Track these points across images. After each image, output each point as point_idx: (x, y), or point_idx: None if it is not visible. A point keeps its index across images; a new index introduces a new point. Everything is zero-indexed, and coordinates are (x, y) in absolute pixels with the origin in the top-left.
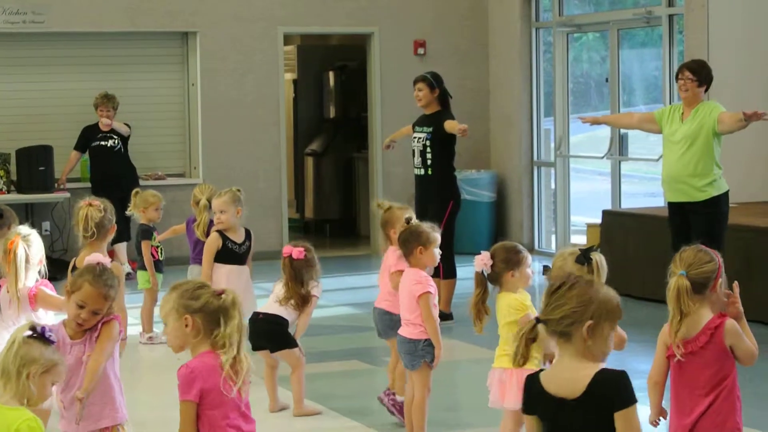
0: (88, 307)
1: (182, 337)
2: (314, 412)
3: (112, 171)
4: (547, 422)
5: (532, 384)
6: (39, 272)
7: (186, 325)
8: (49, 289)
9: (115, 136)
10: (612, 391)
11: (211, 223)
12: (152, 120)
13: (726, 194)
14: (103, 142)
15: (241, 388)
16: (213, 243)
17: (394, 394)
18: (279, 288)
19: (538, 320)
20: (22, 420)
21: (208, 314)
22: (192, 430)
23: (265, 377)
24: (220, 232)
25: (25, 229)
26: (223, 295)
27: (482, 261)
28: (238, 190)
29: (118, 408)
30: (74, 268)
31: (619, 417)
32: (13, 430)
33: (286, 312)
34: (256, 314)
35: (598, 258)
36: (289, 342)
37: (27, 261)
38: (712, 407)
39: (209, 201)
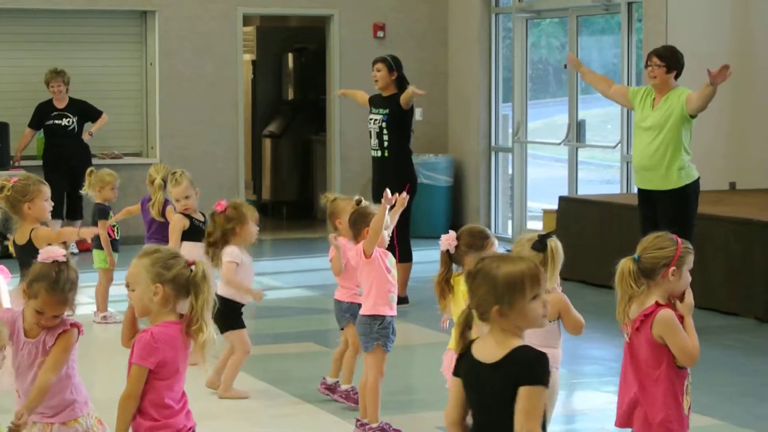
0: (47, 313)
1: (148, 304)
2: (240, 397)
3: (66, 150)
4: (468, 383)
5: (465, 351)
6: None
7: (155, 294)
8: (3, 275)
9: (70, 116)
10: (523, 366)
11: (166, 202)
12: (109, 99)
13: (695, 182)
14: (57, 121)
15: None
16: (179, 224)
17: (324, 378)
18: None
19: (470, 308)
20: None
21: (178, 285)
22: (138, 395)
23: (222, 356)
24: (183, 213)
25: None
26: (193, 267)
27: (447, 241)
28: (183, 172)
29: (72, 408)
30: (14, 244)
31: (521, 392)
32: None
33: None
34: None
35: (554, 244)
36: (238, 323)
37: None
38: (644, 395)
39: (164, 180)
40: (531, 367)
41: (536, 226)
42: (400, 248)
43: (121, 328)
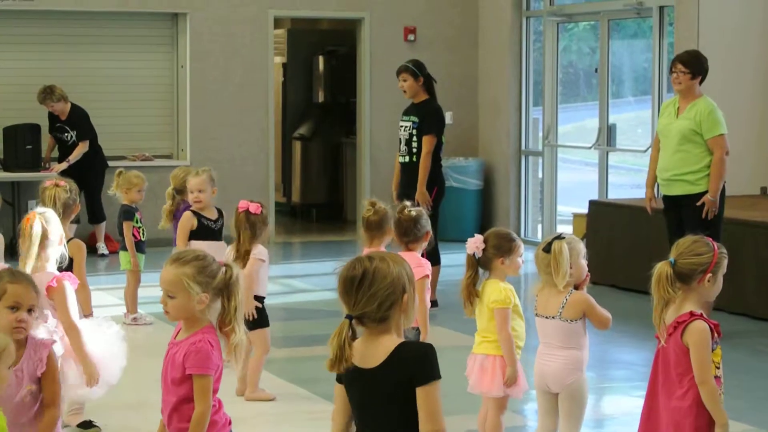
0: (23, 306)
1: (190, 312)
2: (267, 398)
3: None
4: (349, 390)
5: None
6: (61, 254)
7: (201, 302)
8: (71, 282)
9: (69, 130)
10: (413, 363)
11: (186, 206)
12: (140, 101)
13: (722, 187)
14: (59, 134)
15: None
16: (187, 222)
17: None
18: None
19: (350, 317)
20: None
21: (217, 291)
22: (211, 404)
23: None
24: (193, 211)
25: (41, 207)
26: (227, 270)
27: (474, 244)
28: (208, 169)
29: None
30: None
31: (420, 393)
32: None
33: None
34: None
35: (558, 246)
36: (264, 321)
37: (45, 237)
38: (675, 403)
39: (176, 190)
40: (421, 365)
41: (566, 230)
42: (429, 251)
43: (149, 330)
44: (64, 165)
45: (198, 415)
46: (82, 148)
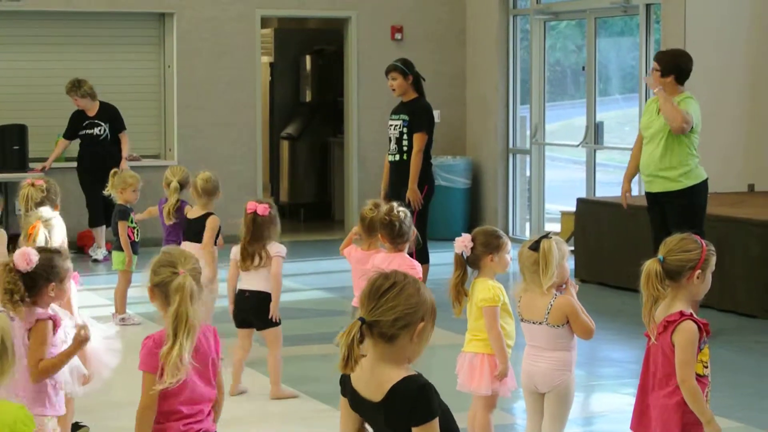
0: None
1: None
2: (291, 396)
3: (100, 158)
4: (363, 416)
5: (346, 380)
6: None
7: (149, 295)
8: (76, 285)
9: (102, 123)
10: (410, 404)
11: (182, 204)
12: (128, 101)
13: (704, 183)
14: (89, 131)
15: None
16: (216, 224)
17: None
18: (237, 252)
19: (363, 321)
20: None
21: (164, 292)
22: (153, 402)
23: (235, 360)
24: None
25: (47, 212)
26: (179, 278)
27: (462, 243)
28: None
29: (49, 405)
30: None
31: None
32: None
33: (268, 284)
34: (242, 292)
35: (546, 245)
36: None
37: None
38: (663, 401)
39: (180, 183)
40: (418, 406)
41: (554, 228)
42: (418, 250)
43: (138, 330)
44: (124, 164)
45: (137, 411)
46: (127, 140)
